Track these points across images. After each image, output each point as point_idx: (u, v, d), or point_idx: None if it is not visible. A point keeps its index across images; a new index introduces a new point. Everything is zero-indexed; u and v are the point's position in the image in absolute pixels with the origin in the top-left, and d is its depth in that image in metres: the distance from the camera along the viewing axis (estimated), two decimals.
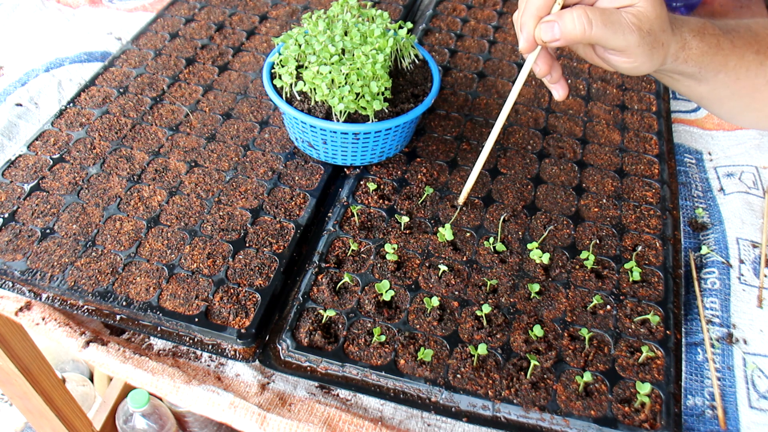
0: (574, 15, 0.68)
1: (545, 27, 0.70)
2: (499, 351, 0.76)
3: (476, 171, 0.87)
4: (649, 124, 1.11)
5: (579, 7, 0.69)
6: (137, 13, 1.35)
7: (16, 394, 1.26)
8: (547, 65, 0.77)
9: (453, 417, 0.73)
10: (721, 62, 0.76)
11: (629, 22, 0.68)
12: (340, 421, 0.74)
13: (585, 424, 0.71)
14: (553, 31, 0.70)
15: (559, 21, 0.69)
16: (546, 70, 0.77)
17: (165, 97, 1.08)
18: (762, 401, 0.75)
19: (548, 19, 0.70)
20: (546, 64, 0.77)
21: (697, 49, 0.75)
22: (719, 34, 0.76)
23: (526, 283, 0.84)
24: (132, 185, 0.93)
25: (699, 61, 0.75)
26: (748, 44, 0.78)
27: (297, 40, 0.94)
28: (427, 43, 1.25)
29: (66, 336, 0.81)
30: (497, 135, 0.83)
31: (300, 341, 0.77)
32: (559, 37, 0.70)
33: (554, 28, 0.70)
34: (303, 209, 0.91)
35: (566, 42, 0.70)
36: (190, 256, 0.84)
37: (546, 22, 0.70)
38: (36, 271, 0.81)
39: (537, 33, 0.72)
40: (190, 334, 0.79)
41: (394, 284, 0.83)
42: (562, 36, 0.69)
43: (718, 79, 0.78)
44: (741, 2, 1.50)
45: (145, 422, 1.57)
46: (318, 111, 0.89)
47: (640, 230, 0.92)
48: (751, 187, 1.01)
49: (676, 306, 0.83)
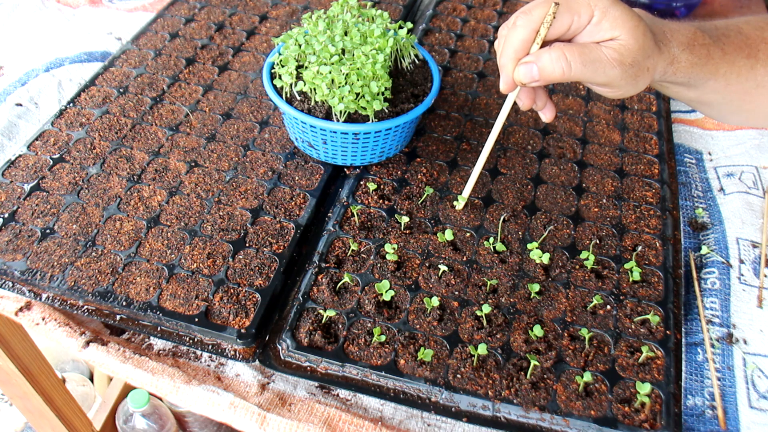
0: (552, 56, 0.66)
1: (524, 69, 0.69)
2: (499, 351, 0.76)
3: (475, 174, 0.87)
4: (649, 124, 1.11)
5: (557, 46, 0.67)
6: (137, 13, 1.35)
7: (16, 394, 1.26)
8: (530, 99, 0.76)
9: (453, 417, 0.73)
10: (711, 71, 0.75)
11: (610, 58, 0.66)
12: (340, 421, 0.74)
13: (585, 424, 0.71)
14: (532, 72, 0.68)
15: (538, 62, 0.67)
16: (528, 104, 0.76)
17: (165, 97, 1.08)
18: (762, 401, 0.75)
19: (526, 60, 0.69)
20: (528, 99, 0.76)
21: (686, 62, 0.73)
22: (709, 43, 0.74)
23: (526, 283, 0.84)
24: (132, 185, 0.93)
25: (688, 73, 0.74)
26: (739, 49, 0.76)
27: (297, 40, 0.94)
28: (427, 43, 1.25)
29: (66, 336, 0.81)
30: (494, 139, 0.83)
31: (300, 341, 0.77)
32: (538, 78, 0.68)
33: (533, 69, 0.68)
34: (303, 209, 0.91)
35: (546, 82, 0.69)
36: (190, 256, 0.84)
37: (524, 63, 0.69)
38: (36, 271, 0.81)
39: (516, 75, 0.70)
40: (190, 334, 0.79)
41: (394, 284, 0.83)
42: (540, 77, 0.68)
43: (708, 85, 0.76)
44: (741, 2, 1.50)
45: (145, 422, 1.57)
46: (318, 111, 0.89)
47: (640, 230, 0.92)
48: (751, 187, 1.01)
49: (676, 306, 0.83)
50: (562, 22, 0.68)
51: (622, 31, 0.66)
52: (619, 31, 0.66)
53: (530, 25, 0.68)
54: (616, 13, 0.67)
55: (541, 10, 0.68)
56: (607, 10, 0.67)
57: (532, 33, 0.68)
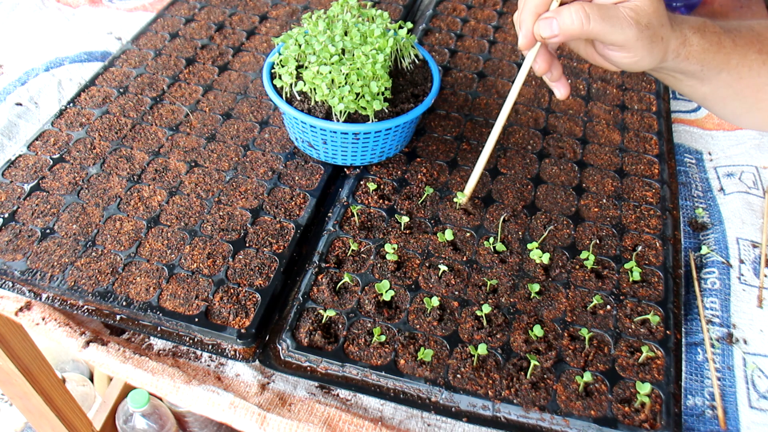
0: (572, 10, 0.69)
1: (544, 23, 0.71)
2: (499, 351, 0.76)
3: (479, 169, 0.87)
4: (649, 124, 1.11)
5: (577, 3, 0.70)
6: (137, 12, 1.35)
7: (16, 394, 1.26)
8: (547, 63, 0.78)
9: (453, 417, 0.73)
10: (723, 60, 0.77)
11: (627, 16, 0.69)
12: (340, 421, 0.74)
13: (585, 424, 0.71)
14: (552, 27, 0.71)
15: (557, 17, 0.70)
16: (545, 67, 0.78)
17: (165, 97, 1.08)
18: (762, 401, 0.75)
19: (546, 15, 0.72)
20: (545, 62, 0.78)
21: (698, 45, 0.75)
22: (720, 32, 0.77)
23: (526, 283, 0.84)
24: (132, 185, 0.93)
25: (700, 59, 0.76)
26: (750, 43, 0.78)
27: (297, 40, 0.94)
28: (427, 43, 1.25)
29: (66, 336, 0.81)
30: (500, 131, 0.83)
31: (300, 341, 0.77)
32: (558, 32, 0.71)
33: (552, 24, 0.71)
34: (303, 209, 0.91)
35: (565, 38, 0.71)
36: (190, 256, 0.84)
37: (544, 18, 0.72)
38: (36, 271, 0.81)
39: (536, 29, 0.73)
40: (190, 334, 0.79)
41: (394, 284, 0.83)
42: (560, 32, 0.70)
43: (721, 78, 0.78)
44: (741, 2, 1.50)
45: (145, 422, 1.57)
46: (318, 111, 0.89)
47: (640, 230, 0.92)
48: (751, 187, 1.01)
49: (676, 306, 0.83)
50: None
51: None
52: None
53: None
54: None
55: None
56: None
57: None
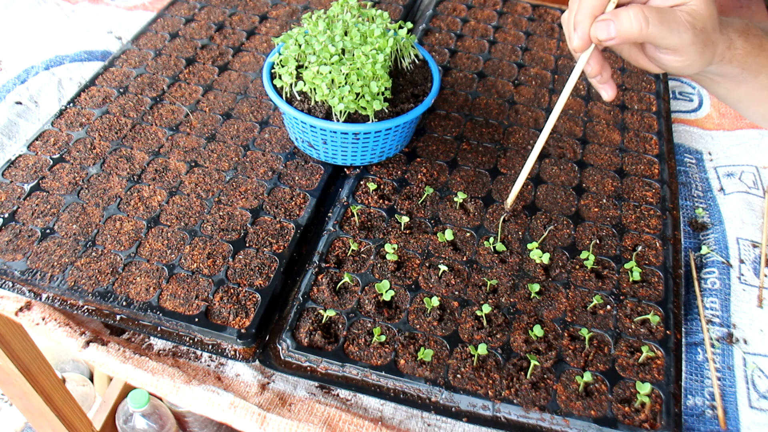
0: (630, 13, 0.68)
1: (601, 25, 0.70)
2: (499, 351, 0.76)
3: (524, 175, 0.86)
4: (649, 124, 1.11)
5: (635, 5, 0.69)
6: (137, 11, 1.35)
7: (16, 394, 1.26)
8: (599, 65, 0.77)
9: (453, 417, 0.73)
10: (763, 63, 0.76)
11: (684, 21, 0.68)
12: (340, 421, 0.74)
13: (585, 424, 0.71)
14: (609, 29, 0.69)
15: (615, 20, 0.69)
16: (598, 69, 0.77)
17: (165, 97, 1.08)
18: (762, 401, 0.75)
19: (604, 17, 0.70)
20: (598, 64, 0.76)
21: (742, 49, 0.74)
22: (762, 35, 0.76)
23: (526, 283, 0.84)
24: (132, 185, 0.93)
25: (743, 62, 0.75)
26: None
27: (297, 40, 0.94)
28: (427, 43, 1.25)
29: (66, 336, 0.81)
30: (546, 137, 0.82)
31: (300, 341, 0.77)
32: (615, 35, 0.69)
33: (610, 26, 0.69)
34: (303, 209, 0.91)
35: (622, 41, 0.70)
36: (190, 256, 0.84)
37: (602, 20, 0.70)
38: (36, 271, 0.81)
39: (592, 31, 0.71)
40: (190, 334, 0.78)
41: (394, 284, 0.83)
42: (618, 34, 0.69)
43: (759, 80, 0.78)
44: (741, 2, 1.50)
45: (145, 422, 1.57)
46: (318, 111, 0.89)
47: (640, 230, 0.92)
48: (751, 187, 1.01)
49: (676, 306, 0.83)
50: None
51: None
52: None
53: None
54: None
55: None
56: None
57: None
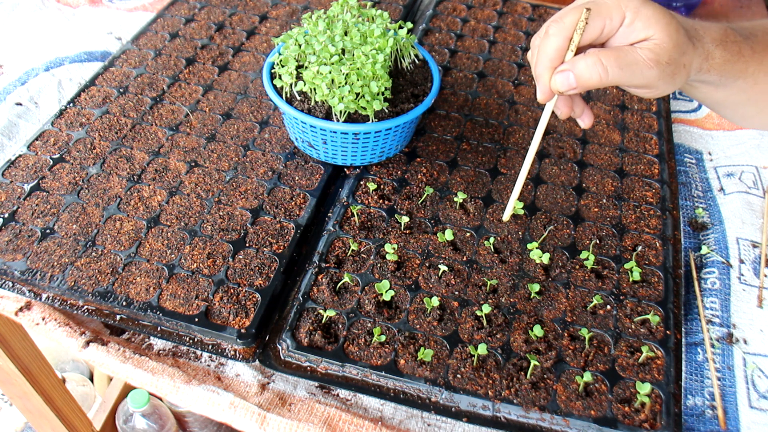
0: (588, 62, 0.66)
1: (560, 77, 0.68)
2: (499, 351, 0.76)
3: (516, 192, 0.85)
4: (649, 124, 1.11)
5: (592, 52, 0.67)
6: (137, 12, 1.35)
7: (16, 394, 1.26)
8: (568, 107, 0.75)
9: (453, 417, 0.73)
10: (741, 69, 0.74)
11: (646, 59, 0.66)
12: (340, 421, 0.74)
13: (585, 424, 0.71)
14: (569, 80, 0.68)
15: (574, 69, 0.67)
16: (567, 111, 0.76)
17: (165, 97, 1.08)
18: (762, 401, 0.75)
19: (562, 68, 0.68)
20: (566, 107, 0.75)
21: (720, 58, 0.72)
22: (740, 41, 0.74)
23: (526, 283, 0.84)
24: (132, 185, 0.93)
25: (721, 70, 0.73)
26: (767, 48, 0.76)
27: (297, 40, 0.94)
28: (427, 43, 1.25)
29: (66, 336, 0.81)
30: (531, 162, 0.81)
31: (300, 341, 0.77)
32: (576, 85, 0.68)
33: (569, 77, 0.68)
34: (303, 209, 0.91)
35: (584, 89, 0.68)
36: (190, 256, 0.84)
37: (560, 72, 0.68)
38: (36, 271, 0.81)
39: (552, 84, 0.70)
40: (190, 334, 0.79)
41: (394, 284, 0.83)
42: (578, 84, 0.67)
43: (737, 85, 0.76)
44: (741, 2, 1.50)
45: (145, 422, 1.57)
46: (318, 111, 0.89)
47: (640, 230, 0.92)
48: (751, 187, 1.01)
49: (676, 306, 0.83)
50: (595, 27, 0.67)
51: (655, 29, 0.66)
52: (653, 30, 0.66)
53: (563, 33, 0.68)
54: (648, 12, 0.66)
55: (573, 17, 0.67)
56: (638, 10, 0.66)
57: (565, 41, 0.68)
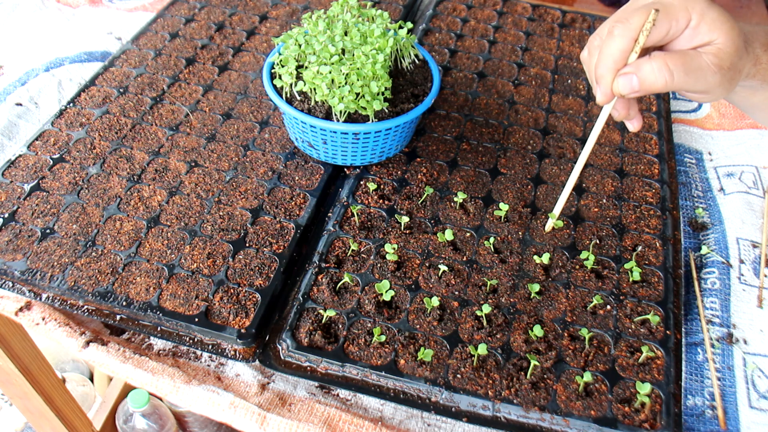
0: (654, 66, 0.64)
1: (624, 80, 0.66)
2: (499, 351, 0.76)
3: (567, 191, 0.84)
4: (649, 124, 1.11)
5: (658, 55, 0.65)
6: (137, 12, 1.35)
7: (16, 394, 1.26)
8: (626, 109, 0.74)
9: (453, 417, 0.73)
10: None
11: (710, 64, 0.64)
12: (340, 421, 0.74)
13: (585, 424, 0.71)
14: (632, 83, 0.66)
15: (638, 73, 0.65)
16: (624, 114, 0.74)
17: (165, 97, 1.08)
18: (762, 401, 0.75)
19: (626, 71, 0.66)
20: (624, 109, 0.74)
21: (767, 63, 0.71)
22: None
23: (526, 283, 0.84)
24: (132, 185, 0.93)
25: (765, 75, 0.72)
26: None
27: (297, 40, 0.94)
28: (427, 43, 1.25)
29: (66, 336, 0.81)
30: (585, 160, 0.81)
31: (300, 341, 0.77)
32: (639, 89, 0.66)
33: (633, 80, 0.66)
34: (303, 209, 0.91)
35: (647, 93, 0.67)
36: (190, 256, 0.84)
37: (624, 74, 0.66)
38: (36, 271, 0.81)
39: (615, 86, 0.68)
40: (190, 334, 0.79)
41: (394, 284, 0.83)
42: (641, 88, 0.66)
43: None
44: (741, 2, 1.50)
45: (145, 422, 1.57)
46: (318, 111, 0.89)
47: (640, 230, 0.92)
48: (751, 187, 1.01)
49: (676, 306, 0.83)
50: (661, 29, 0.66)
51: (719, 33, 0.65)
52: (717, 34, 0.65)
53: (629, 34, 0.66)
54: (713, 15, 0.65)
55: (640, 18, 0.65)
56: (704, 13, 0.65)
57: (630, 42, 0.66)
